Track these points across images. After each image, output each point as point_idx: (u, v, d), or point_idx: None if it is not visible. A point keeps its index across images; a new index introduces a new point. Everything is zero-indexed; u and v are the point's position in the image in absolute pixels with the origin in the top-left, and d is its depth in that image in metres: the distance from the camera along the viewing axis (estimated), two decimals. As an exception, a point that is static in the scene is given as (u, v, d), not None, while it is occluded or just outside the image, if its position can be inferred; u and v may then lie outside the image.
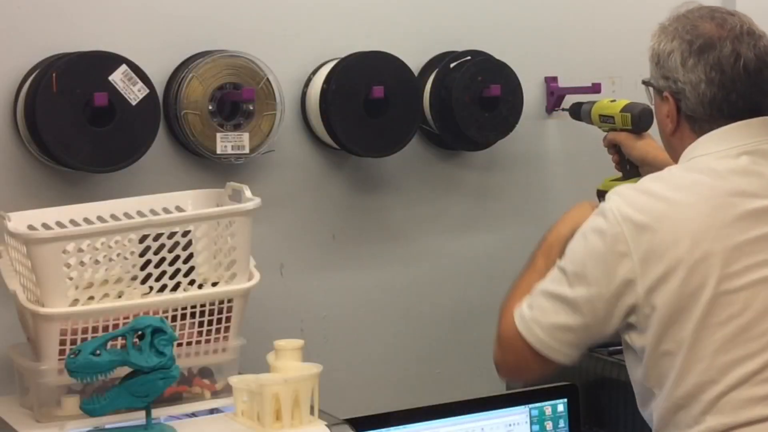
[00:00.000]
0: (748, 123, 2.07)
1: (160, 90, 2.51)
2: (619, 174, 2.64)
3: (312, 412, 2.14)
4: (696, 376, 1.98)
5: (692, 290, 1.97)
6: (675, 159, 2.15)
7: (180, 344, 2.21)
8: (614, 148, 2.62)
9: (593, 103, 2.74)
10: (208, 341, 2.28)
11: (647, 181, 2.09)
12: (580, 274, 2.03)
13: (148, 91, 2.44)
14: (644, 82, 2.23)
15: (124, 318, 2.17)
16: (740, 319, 1.98)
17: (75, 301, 2.16)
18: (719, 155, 2.06)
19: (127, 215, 2.36)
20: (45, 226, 2.30)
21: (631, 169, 2.58)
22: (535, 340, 2.06)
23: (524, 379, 2.23)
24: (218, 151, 2.55)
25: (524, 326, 2.07)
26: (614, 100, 2.66)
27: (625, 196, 2.04)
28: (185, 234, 2.24)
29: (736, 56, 2.04)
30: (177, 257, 2.23)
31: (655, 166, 2.38)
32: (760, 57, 2.06)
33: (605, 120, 2.67)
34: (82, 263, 2.16)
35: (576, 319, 2.04)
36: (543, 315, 2.06)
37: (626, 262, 1.99)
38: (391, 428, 2.29)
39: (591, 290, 2.02)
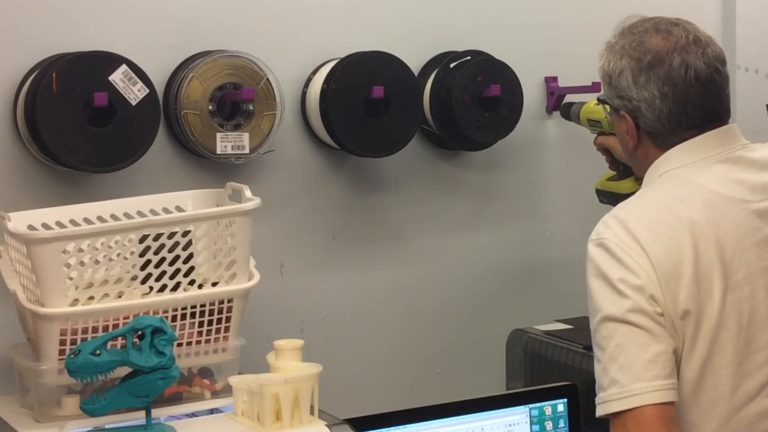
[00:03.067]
0: (716, 133, 2.07)
1: (160, 90, 2.51)
2: (615, 172, 2.64)
3: (312, 412, 2.14)
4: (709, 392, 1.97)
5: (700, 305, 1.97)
6: (641, 172, 2.13)
7: (180, 344, 2.21)
8: (605, 150, 2.61)
9: (582, 104, 2.74)
10: (208, 341, 2.28)
11: (629, 220, 2.01)
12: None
13: (148, 91, 2.44)
14: (599, 100, 2.21)
15: (124, 318, 2.17)
16: (747, 330, 1.97)
17: (75, 301, 2.16)
18: (694, 167, 2.05)
19: (127, 215, 2.37)
20: (45, 226, 2.29)
21: (624, 168, 2.58)
22: (651, 394, 1.91)
23: None
24: (218, 151, 2.55)
25: (631, 399, 1.91)
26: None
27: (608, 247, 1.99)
28: (185, 234, 2.24)
29: (686, 67, 2.03)
30: (177, 257, 2.23)
31: None
32: (709, 64, 2.04)
33: (593, 124, 2.67)
34: (82, 263, 2.16)
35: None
36: (630, 367, 1.92)
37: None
38: (391, 428, 2.29)
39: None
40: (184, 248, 2.23)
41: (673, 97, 2.04)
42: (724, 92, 2.09)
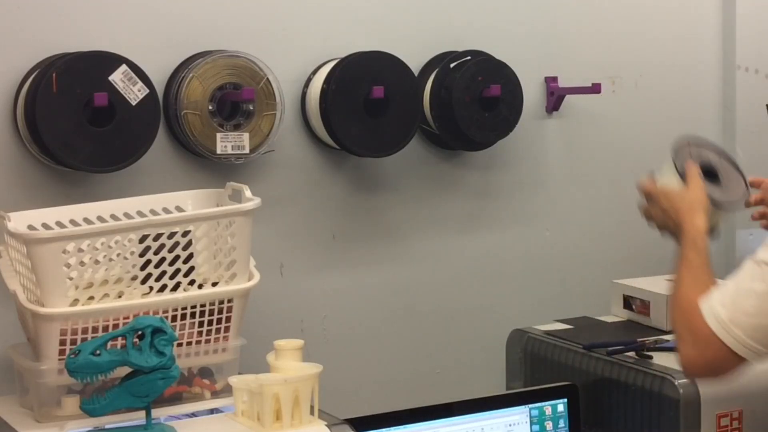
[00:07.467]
0: None
1: (160, 90, 2.51)
2: None
3: (312, 412, 2.14)
4: None
5: None
6: None
7: (180, 344, 2.21)
8: None
9: None
10: (208, 341, 2.28)
11: None
12: None
13: (148, 91, 2.44)
14: None
15: (124, 318, 2.17)
16: None
17: (75, 301, 2.16)
18: None
19: (127, 215, 2.37)
20: (45, 226, 2.30)
21: None
22: (734, 342, 1.95)
23: (715, 377, 2.05)
24: (218, 151, 2.55)
25: (720, 328, 1.95)
26: None
27: None
28: (185, 234, 2.24)
29: None
30: (177, 257, 2.23)
31: None
32: None
33: None
34: (82, 263, 2.16)
35: None
36: (744, 315, 1.94)
37: None
38: (391, 428, 2.29)
39: None
40: (184, 248, 2.23)
41: None
42: None
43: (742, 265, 1.99)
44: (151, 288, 2.22)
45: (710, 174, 2.31)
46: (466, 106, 2.78)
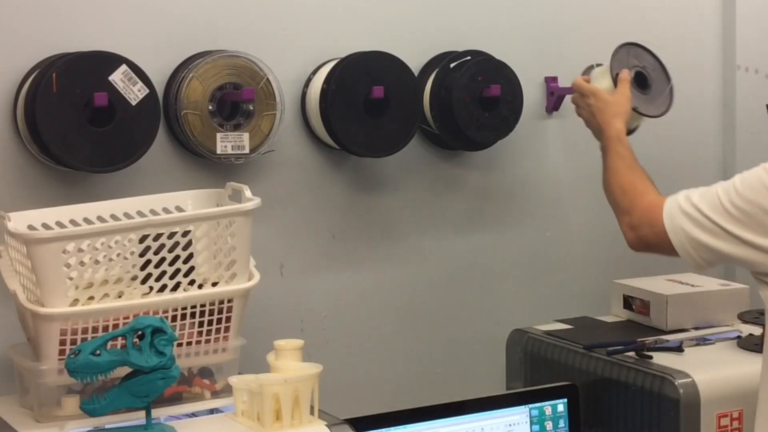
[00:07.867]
0: None
1: (160, 90, 2.51)
2: None
3: (312, 412, 2.14)
4: None
5: None
6: None
7: (180, 344, 2.21)
8: None
9: None
10: (208, 341, 2.28)
11: None
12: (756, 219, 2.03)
13: (148, 91, 2.44)
14: None
15: (124, 318, 2.17)
16: None
17: (75, 301, 2.16)
18: None
19: (127, 215, 2.37)
20: (45, 226, 2.30)
21: None
22: (678, 243, 2.10)
23: (650, 252, 2.22)
24: (218, 151, 2.55)
25: (672, 227, 2.10)
26: None
27: None
28: (185, 234, 2.24)
29: None
30: (177, 257, 2.23)
31: None
32: None
33: None
34: (82, 263, 2.16)
35: (735, 249, 2.05)
36: (693, 229, 2.08)
37: None
38: (391, 428, 2.29)
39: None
40: (184, 248, 2.23)
41: None
42: None
43: (713, 186, 2.10)
44: (151, 288, 2.22)
45: (643, 80, 2.59)
46: (466, 106, 2.78)
